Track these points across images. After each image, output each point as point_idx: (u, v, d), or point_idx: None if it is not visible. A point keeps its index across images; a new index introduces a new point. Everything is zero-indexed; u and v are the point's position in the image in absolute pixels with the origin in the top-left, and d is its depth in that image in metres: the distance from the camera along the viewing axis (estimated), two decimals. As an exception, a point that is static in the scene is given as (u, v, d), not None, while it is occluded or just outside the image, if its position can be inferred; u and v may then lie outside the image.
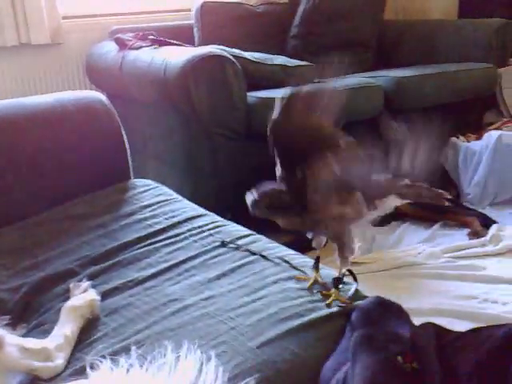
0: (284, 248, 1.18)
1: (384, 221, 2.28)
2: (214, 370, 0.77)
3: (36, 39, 2.77)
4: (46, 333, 0.94)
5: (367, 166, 0.88)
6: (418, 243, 2.07)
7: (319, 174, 0.83)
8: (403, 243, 2.10)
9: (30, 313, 1.04)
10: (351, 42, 3.16)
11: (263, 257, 1.10)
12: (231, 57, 2.12)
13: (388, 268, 1.88)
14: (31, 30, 2.74)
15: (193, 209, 1.36)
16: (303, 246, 1.72)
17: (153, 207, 1.37)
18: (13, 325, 0.95)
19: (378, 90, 2.53)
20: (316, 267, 1.00)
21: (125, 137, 1.57)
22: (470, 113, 2.86)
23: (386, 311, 0.89)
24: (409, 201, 0.92)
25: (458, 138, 2.68)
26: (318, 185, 0.83)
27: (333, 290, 0.96)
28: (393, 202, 0.90)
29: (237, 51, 2.27)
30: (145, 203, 1.39)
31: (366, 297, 0.96)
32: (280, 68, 2.43)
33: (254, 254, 1.09)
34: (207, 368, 0.77)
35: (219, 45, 2.28)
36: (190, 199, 1.45)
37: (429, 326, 0.78)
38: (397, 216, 2.29)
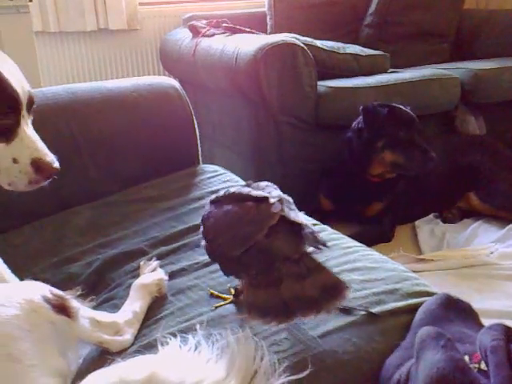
0: (349, 239, 1.17)
1: (455, 218, 2.20)
2: (268, 357, 0.77)
3: (114, 24, 2.86)
4: (114, 307, 0.98)
5: None
6: (490, 242, 1.99)
7: None
8: (475, 242, 2.03)
9: (101, 287, 1.09)
10: (428, 32, 3.07)
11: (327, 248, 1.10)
12: (303, 45, 2.11)
13: (458, 266, 1.82)
14: (109, 16, 2.84)
15: (259, 196, 1.37)
16: (368, 239, 1.70)
17: (220, 193, 1.39)
18: (83, 297, 1.00)
19: (455, 82, 2.44)
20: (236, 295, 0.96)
21: (195, 123, 1.60)
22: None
23: (454, 309, 0.86)
24: None
25: (538, 134, 2.56)
26: None
27: (229, 297, 0.96)
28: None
29: (309, 39, 2.25)
30: (213, 188, 1.41)
31: (434, 293, 0.93)
32: (352, 57, 2.39)
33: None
34: (262, 353, 0.78)
35: (292, 33, 2.27)
36: (255, 187, 1.45)
37: (499, 328, 0.75)
38: (469, 213, 2.22)
